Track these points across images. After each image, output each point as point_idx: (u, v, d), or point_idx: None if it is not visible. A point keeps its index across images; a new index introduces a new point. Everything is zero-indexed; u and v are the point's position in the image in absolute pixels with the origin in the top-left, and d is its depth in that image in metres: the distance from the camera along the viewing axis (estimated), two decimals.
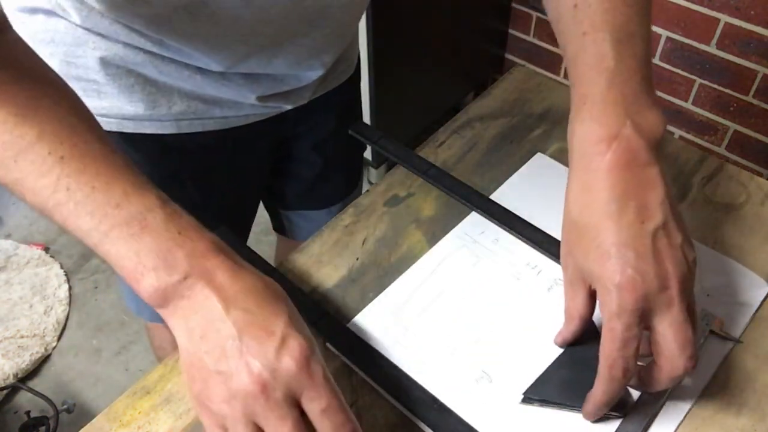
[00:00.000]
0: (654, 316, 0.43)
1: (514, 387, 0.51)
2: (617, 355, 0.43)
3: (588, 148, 0.45)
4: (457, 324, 0.56)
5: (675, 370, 0.44)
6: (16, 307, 1.62)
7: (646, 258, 0.43)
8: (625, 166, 0.44)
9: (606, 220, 0.44)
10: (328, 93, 0.76)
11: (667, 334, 0.43)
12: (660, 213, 0.44)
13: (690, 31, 1.60)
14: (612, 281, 0.43)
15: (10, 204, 1.90)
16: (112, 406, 0.51)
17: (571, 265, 0.47)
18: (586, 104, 0.46)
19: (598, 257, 0.43)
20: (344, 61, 0.76)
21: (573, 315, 0.49)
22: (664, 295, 0.43)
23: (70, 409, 1.44)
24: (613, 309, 0.43)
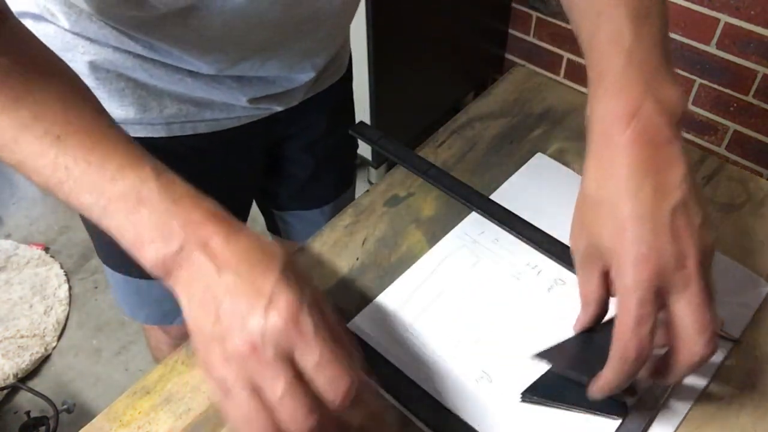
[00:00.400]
0: (670, 296, 0.41)
1: (514, 387, 0.51)
2: (631, 334, 0.41)
3: (607, 125, 0.44)
4: (457, 324, 0.56)
5: (693, 356, 0.42)
6: (16, 307, 1.62)
7: (663, 235, 0.41)
8: (646, 143, 0.43)
9: (624, 196, 0.42)
10: (319, 94, 0.76)
11: (685, 315, 0.41)
12: (680, 191, 0.42)
13: (690, 31, 1.60)
14: (627, 255, 0.41)
15: (10, 204, 1.90)
16: (112, 406, 0.51)
17: (584, 245, 0.46)
18: (604, 81, 0.45)
19: (614, 232, 0.42)
20: (336, 62, 0.76)
21: (589, 299, 0.46)
22: (681, 273, 0.41)
23: (70, 409, 1.44)
24: (627, 284, 0.41)
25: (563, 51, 1.88)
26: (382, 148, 0.70)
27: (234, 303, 0.38)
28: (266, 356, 0.37)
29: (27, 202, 1.91)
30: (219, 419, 0.50)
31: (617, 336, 0.42)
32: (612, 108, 0.44)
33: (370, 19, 1.46)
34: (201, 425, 0.50)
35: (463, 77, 1.98)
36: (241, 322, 0.37)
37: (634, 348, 0.41)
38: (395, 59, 1.63)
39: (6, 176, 1.97)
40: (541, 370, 0.52)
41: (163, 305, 0.83)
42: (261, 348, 0.36)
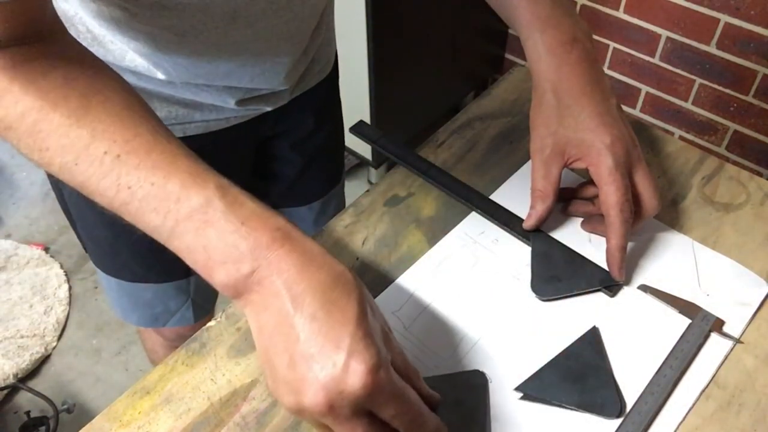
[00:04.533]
0: (631, 169, 0.55)
1: (513, 387, 0.51)
2: (624, 199, 0.53)
3: (555, 49, 0.56)
4: (456, 324, 0.56)
5: (652, 210, 0.57)
6: (16, 307, 1.62)
7: (618, 123, 0.55)
8: (586, 61, 0.56)
9: (583, 101, 0.55)
10: (306, 93, 0.76)
11: (644, 182, 0.56)
12: (613, 93, 0.57)
13: (690, 31, 1.60)
14: (604, 141, 0.54)
15: (10, 204, 1.90)
16: (112, 406, 0.51)
17: (550, 145, 0.56)
18: (540, 18, 0.57)
19: (587, 126, 0.54)
20: (321, 60, 0.76)
21: (548, 192, 0.57)
22: (635, 151, 0.56)
23: (70, 409, 1.44)
24: (610, 164, 0.54)
25: None
26: (382, 148, 0.70)
27: (310, 353, 0.37)
28: (343, 414, 0.37)
29: (27, 202, 1.91)
30: (219, 419, 0.50)
31: (613, 205, 0.53)
32: (556, 36, 0.56)
33: (370, 19, 1.47)
34: (201, 425, 0.50)
35: (463, 77, 1.98)
36: (318, 377, 0.36)
37: (627, 210, 0.54)
38: (395, 59, 1.63)
39: (6, 176, 1.97)
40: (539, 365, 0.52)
41: (153, 308, 0.83)
42: (338, 407, 0.37)
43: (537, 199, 0.58)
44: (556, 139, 0.56)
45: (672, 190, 0.67)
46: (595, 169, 0.55)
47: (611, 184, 0.54)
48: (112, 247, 0.77)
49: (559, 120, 0.56)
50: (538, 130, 0.57)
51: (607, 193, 0.54)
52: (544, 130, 0.57)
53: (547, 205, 0.58)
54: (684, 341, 0.54)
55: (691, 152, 0.71)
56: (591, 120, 0.55)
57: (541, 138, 0.57)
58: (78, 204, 0.74)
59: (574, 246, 0.60)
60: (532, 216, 0.59)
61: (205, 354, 0.54)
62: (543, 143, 0.57)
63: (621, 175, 0.54)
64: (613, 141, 0.54)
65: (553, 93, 0.56)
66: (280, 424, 0.50)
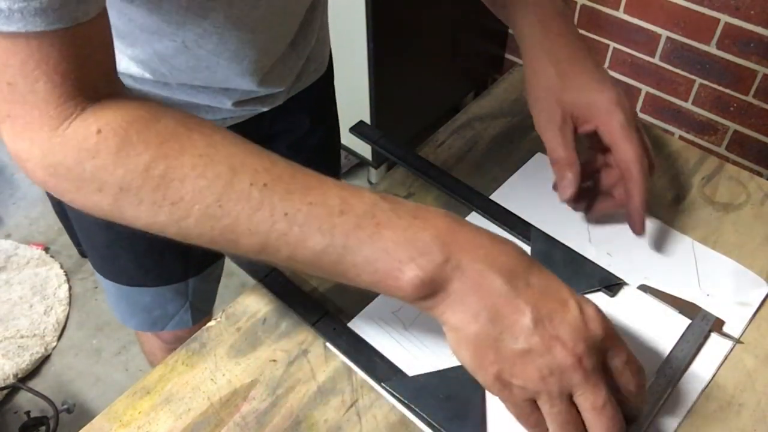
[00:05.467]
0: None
1: None
2: (641, 153, 0.54)
3: (546, 22, 0.59)
4: None
5: (651, 169, 0.56)
6: (16, 307, 1.62)
7: (617, 86, 0.56)
8: (573, 32, 0.59)
9: (583, 65, 0.57)
10: (301, 93, 0.76)
11: (643, 139, 0.57)
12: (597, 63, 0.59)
13: (690, 31, 1.60)
14: (611, 99, 0.55)
15: (10, 204, 1.90)
16: (112, 406, 0.51)
17: (560, 111, 0.56)
18: (529, 3, 0.60)
19: (591, 88, 0.55)
20: (316, 59, 0.76)
21: (572, 158, 0.56)
22: (632, 113, 0.56)
23: (70, 409, 1.44)
24: (622, 119, 0.54)
25: None
26: (382, 148, 0.70)
27: (544, 316, 0.38)
28: (590, 366, 0.38)
29: (27, 202, 1.91)
30: (219, 419, 0.50)
31: (633, 160, 0.54)
32: (546, 11, 0.59)
33: (370, 19, 1.47)
34: (201, 425, 0.50)
35: (463, 77, 1.98)
36: (561, 335, 0.37)
37: (646, 163, 0.54)
38: (395, 59, 1.63)
39: (6, 176, 1.97)
40: None
41: (152, 312, 0.83)
42: (586, 358, 0.38)
43: (564, 167, 0.56)
44: (563, 106, 0.56)
45: (672, 190, 0.67)
46: (607, 128, 0.55)
47: (627, 140, 0.54)
48: (110, 251, 0.77)
49: (562, 86, 0.56)
50: (542, 102, 0.57)
51: (625, 150, 0.54)
52: (549, 101, 0.57)
53: (577, 171, 0.56)
54: (684, 341, 0.54)
55: (691, 152, 0.71)
56: (593, 82, 0.56)
57: (548, 109, 0.57)
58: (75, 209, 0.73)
59: (574, 246, 0.60)
60: (566, 186, 0.57)
61: (205, 354, 0.54)
62: (551, 113, 0.57)
63: (634, 128, 0.54)
64: (619, 98, 0.55)
65: (551, 62, 0.57)
66: (280, 424, 0.50)
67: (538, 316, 0.38)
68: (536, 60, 0.58)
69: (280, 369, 0.53)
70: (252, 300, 0.58)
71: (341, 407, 0.51)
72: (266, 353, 0.54)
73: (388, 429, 0.50)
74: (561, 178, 0.57)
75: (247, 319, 0.57)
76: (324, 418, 0.50)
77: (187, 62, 0.59)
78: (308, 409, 0.51)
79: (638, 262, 0.60)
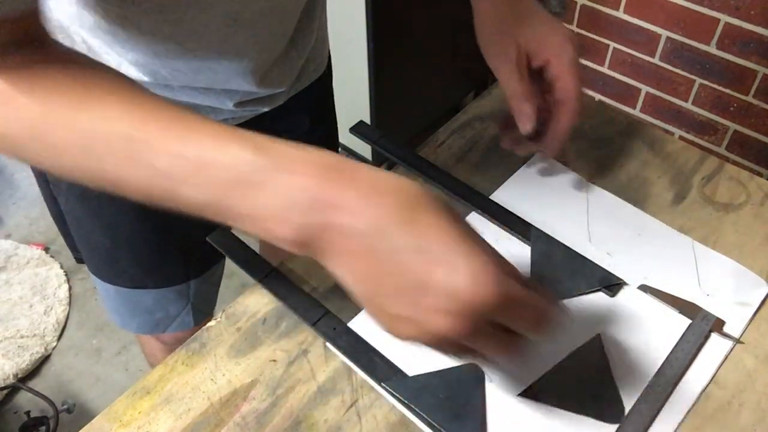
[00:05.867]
0: None
1: (513, 387, 0.51)
2: (580, 87, 0.57)
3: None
4: None
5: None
6: (16, 307, 1.62)
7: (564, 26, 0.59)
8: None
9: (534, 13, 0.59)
10: (301, 92, 0.76)
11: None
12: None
13: (690, 31, 1.60)
14: (564, 34, 0.58)
15: (10, 204, 1.90)
16: (112, 406, 0.51)
17: (516, 46, 0.58)
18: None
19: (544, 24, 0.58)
20: (315, 59, 0.76)
21: (530, 91, 0.58)
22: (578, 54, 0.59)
23: (70, 409, 1.44)
24: (572, 55, 0.57)
25: None
26: (382, 148, 0.70)
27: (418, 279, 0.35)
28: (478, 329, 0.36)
29: (27, 202, 1.91)
30: (219, 419, 0.50)
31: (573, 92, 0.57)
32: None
33: (370, 19, 1.46)
34: (201, 425, 0.50)
35: (463, 77, 1.98)
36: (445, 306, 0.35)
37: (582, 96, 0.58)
38: (395, 59, 1.63)
39: (6, 176, 1.97)
40: (541, 371, 0.52)
41: (154, 314, 0.83)
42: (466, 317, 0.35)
43: (523, 101, 0.58)
44: (517, 41, 0.58)
45: (672, 190, 0.67)
46: (558, 60, 0.57)
47: (574, 75, 0.57)
48: (111, 253, 0.77)
49: (516, 23, 0.58)
50: (496, 36, 0.59)
51: (570, 81, 0.57)
52: (503, 36, 0.59)
53: (534, 104, 0.59)
54: (684, 341, 0.54)
55: (691, 152, 0.71)
56: (546, 20, 0.59)
57: (503, 45, 0.59)
58: (75, 211, 0.73)
59: (574, 246, 0.60)
60: (526, 119, 0.59)
61: (205, 354, 0.54)
62: (507, 49, 0.59)
63: (578, 64, 0.58)
64: (571, 36, 0.58)
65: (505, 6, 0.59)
66: (280, 424, 0.50)
67: (416, 285, 0.35)
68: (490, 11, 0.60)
69: (280, 369, 0.53)
70: (252, 300, 0.58)
71: (341, 407, 0.51)
72: (266, 353, 0.54)
73: (388, 429, 0.50)
74: (519, 112, 0.59)
75: (247, 319, 0.57)
76: (324, 418, 0.50)
77: (188, 63, 0.59)
78: (308, 409, 0.51)
79: (638, 262, 0.60)
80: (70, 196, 0.71)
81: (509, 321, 0.38)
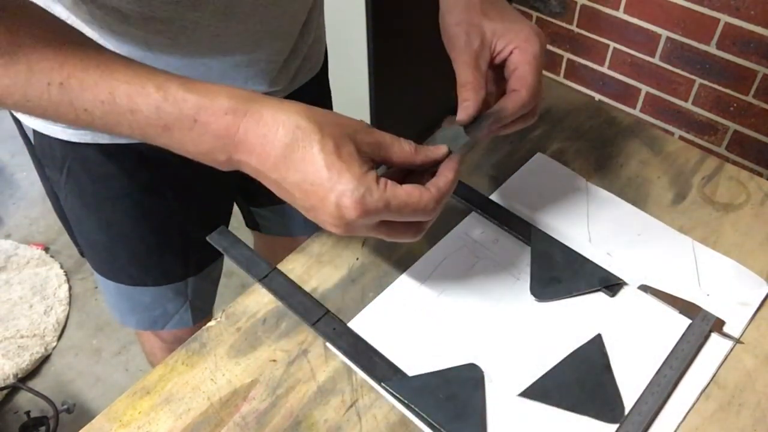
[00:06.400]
0: None
1: (513, 386, 0.51)
2: (537, 81, 0.56)
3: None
4: (456, 324, 0.56)
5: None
6: (16, 307, 1.62)
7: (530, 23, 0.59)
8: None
9: (505, 9, 0.59)
10: (297, 91, 0.76)
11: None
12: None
13: (690, 31, 1.60)
14: (532, 28, 0.57)
15: (10, 204, 1.90)
16: (112, 406, 0.51)
17: (480, 36, 0.58)
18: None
19: (512, 18, 0.58)
20: (312, 58, 0.76)
21: (480, 83, 0.57)
22: (544, 51, 0.58)
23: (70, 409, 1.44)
24: (537, 50, 0.56)
25: (563, 51, 1.88)
26: None
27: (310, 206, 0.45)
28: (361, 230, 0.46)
29: (27, 202, 1.91)
30: (219, 419, 0.50)
31: (532, 85, 0.56)
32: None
33: (370, 19, 1.46)
34: (201, 425, 0.50)
35: None
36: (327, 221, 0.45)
37: (537, 90, 0.56)
38: (395, 59, 1.63)
39: (6, 176, 1.97)
40: (541, 371, 0.52)
41: (153, 311, 0.83)
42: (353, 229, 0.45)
43: (470, 90, 0.57)
44: (482, 32, 0.58)
45: (672, 190, 0.67)
46: (521, 52, 0.57)
47: (534, 67, 0.56)
48: (110, 251, 0.77)
49: (484, 14, 0.58)
50: (462, 26, 0.59)
51: (527, 73, 0.56)
52: (470, 26, 0.58)
53: (481, 96, 0.56)
54: (684, 341, 0.54)
55: (691, 152, 0.71)
56: (513, 14, 0.59)
57: (466, 33, 0.58)
58: (74, 209, 0.73)
59: (574, 246, 0.60)
60: (467, 108, 0.56)
61: (205, 354, 0.54)
62: (469, 38, 0.58)
63: (542, 59, 0.57)
64: (538, 31, 0.57)
65: (475, 7, 0.59)
66: (280, 423, 0.50)
67: (305, 207, 0.45)
68: (455, 7, 0.60)
69: (280, 369, 0.53)
70: (252, 300, 0.58)
71: (341, 407, 0.51)
72: (266, 353, 0.54)
73: (388, 429, 0.50)
74: (462, 101, 0.58)
75: (247, 319, 0.57)
76: (324, 418, 0.50)
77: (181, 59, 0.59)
78: (308, 409, 0.51)
79: (638, 262, 0.60)
80: (69, 193, 0.71)
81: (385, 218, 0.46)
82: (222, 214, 0.85)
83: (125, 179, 0.68)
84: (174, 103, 0.43)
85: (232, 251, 0.60)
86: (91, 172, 0.68)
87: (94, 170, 0.68)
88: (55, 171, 0.69)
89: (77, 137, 0.64)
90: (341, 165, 0.44)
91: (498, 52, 0.58)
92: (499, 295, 0.58)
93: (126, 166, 0.68)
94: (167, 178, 0.71)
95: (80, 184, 0.69)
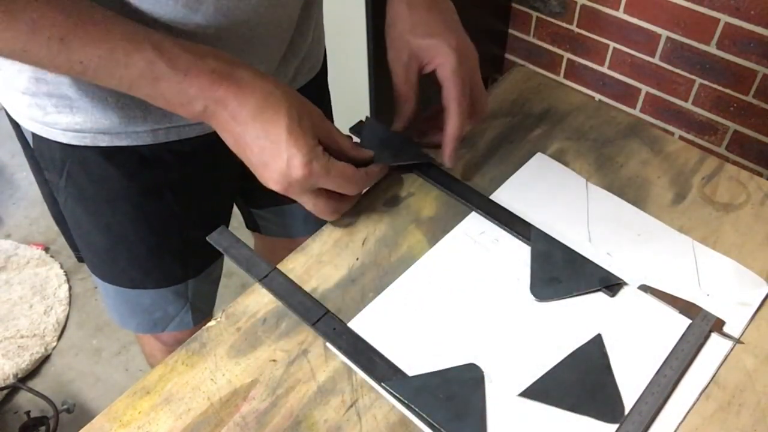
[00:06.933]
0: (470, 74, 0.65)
1: (513, 387, 0.51)
2: (462, 94, 0.62)
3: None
4: (456, 324, 0.56)
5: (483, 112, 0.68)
6: (16, 307, 1.62)
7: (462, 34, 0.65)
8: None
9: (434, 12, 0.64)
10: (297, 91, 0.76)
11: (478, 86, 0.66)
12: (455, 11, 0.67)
13: (690, 31, 1.60)
14: (450, 44, 0.62)
15: (10, 204, 1.90)
16: (112, 406, 0.51)
17: (408, 51, 0.64)
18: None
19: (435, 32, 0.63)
20: (311, 58, 0.76)
21: (410, 95, 0.66)
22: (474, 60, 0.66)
23: (70, 409, 1.44)
24: (454, 63, 0.62)
25: (563, 51, 1.88)
26: None
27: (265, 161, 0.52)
28: (299, 191, 0.54)
29: (27, 202, 1.91)
30: (219, 419, 0.50)
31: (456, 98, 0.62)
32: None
33: (370, 18, 1.46)
34: (201, 425, 0.50)
35: None
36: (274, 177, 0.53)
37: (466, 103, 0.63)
38: None
39: (6, 176, 1.97)
40: (541, 371, 0.52)
41: (153, 314, 0.83)
42: (294, 189, 0.54)
43: (402, 103, 0.65)
44: (410, 47, 0.64)
45: (672, 190, 0.67)
46: (441, 69, 0.62)
47: (453, 81, 0.62)
48: (109, 254, 0.77)
49: (412, 30, 0.64)
50: (395, 41, 0.66)
51: (449, 88, 0.62)
52: (400, 42, 0.65)
53: (412, 107, 0.65)
54: (684, 341, 0.54)
55: (691, 152, 0.71)
56: (438, 27, 0.63)
57: (398, 48, 0.65)
58: (74, 212, 0.73)
59: (574, 246, 0.60)
60: (399, 118, 0.66)
61: (205, 354, 0.54)
62: (400, 53, 0.65)
63: (462, 73, 0.62)
64: (458, 45, 0.62)
65: (408, 7, 0.65)
66: (280, 423, 0.50)
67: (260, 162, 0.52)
68: (397, 4, 0.66)
69: (280, 369, 0.53)
70: (252, 300, 0.58)
71: (341, 407, 0.51)
72: (266, 353, 0.54)
73: (388, 429, 0.50)
74: (397, 111, 0.66)
75: (247, 319, 0.57)
76: (324, 418, 0.50)
77: None
78: (308, 409, 0.51)
79: (638, 262, 0.60)
80: (68, 196, 0.71)
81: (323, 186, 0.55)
82: (222, 216, 0.85)
83: (125, 181, 0.68)
84: (169, 59, 0.48)
85: (232, 251, 0.60)
86: (90, 175, 0.68)
87: (93, 172, 0.68)
88: (55, 174, 0.69)
89: (77, 140, 0.64)
90: (299, 133, 0.51)
91: (423, 66, 0.64)
92: (499, 295, 0.58)
93: (125, 168, 0.68)
94: (167, 179, 0.71)
95: (80, 186, 0.69)
